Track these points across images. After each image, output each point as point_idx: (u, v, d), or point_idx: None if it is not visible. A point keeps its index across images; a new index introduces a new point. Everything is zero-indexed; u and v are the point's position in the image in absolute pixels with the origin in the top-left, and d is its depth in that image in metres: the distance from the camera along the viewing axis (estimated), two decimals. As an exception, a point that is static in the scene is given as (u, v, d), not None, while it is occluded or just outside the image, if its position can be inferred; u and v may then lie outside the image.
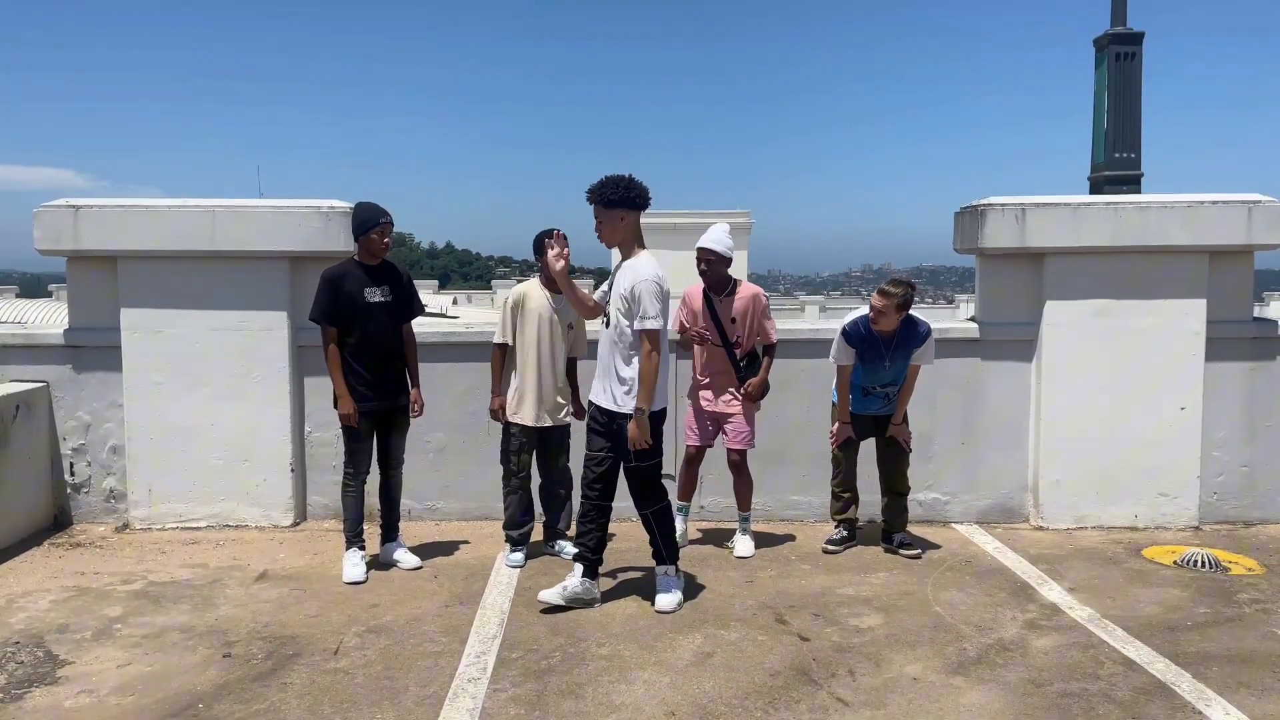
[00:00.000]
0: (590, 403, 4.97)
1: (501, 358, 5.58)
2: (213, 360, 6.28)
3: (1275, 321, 6.57)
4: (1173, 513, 6.36)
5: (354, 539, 5.43)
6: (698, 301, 5.70)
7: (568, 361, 5.62)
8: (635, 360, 4.69)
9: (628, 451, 4.75)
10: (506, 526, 5.62)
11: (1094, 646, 4.44)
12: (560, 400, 5.57)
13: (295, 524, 6.39)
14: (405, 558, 5.54)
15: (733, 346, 5.64)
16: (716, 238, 5.60)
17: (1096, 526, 6.35)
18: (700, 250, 5.62)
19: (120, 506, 6.44)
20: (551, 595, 4.85)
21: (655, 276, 4.67)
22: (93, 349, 6.37)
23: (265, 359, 6.30)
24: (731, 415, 5.68)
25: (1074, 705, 3.84)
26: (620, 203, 4.71)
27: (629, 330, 4.70)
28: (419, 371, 5.61)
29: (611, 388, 4.78)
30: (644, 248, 4.85)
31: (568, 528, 5.79)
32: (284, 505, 6.37)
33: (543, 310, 5.49)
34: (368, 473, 5.48)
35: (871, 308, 5.57)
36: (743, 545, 5.78)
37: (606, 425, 4.84)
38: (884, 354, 5.61)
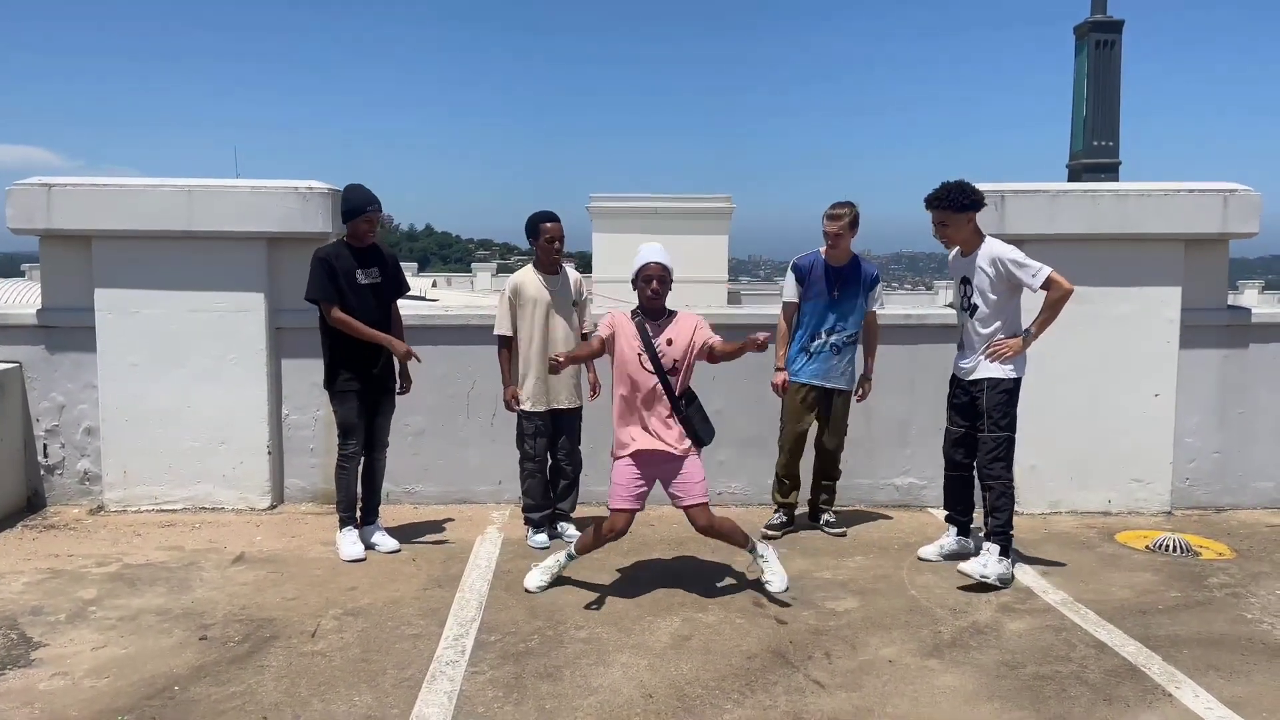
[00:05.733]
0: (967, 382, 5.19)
1: (508, 349, 5.52)
2: (189, 342, 6.23)
3: (1248, 310, 6.65)
4: (1146, 498, 6.44)
5: (347, 518, 5.42)
6: (629, 330, 4.66)
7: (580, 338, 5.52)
8: (999, 325, 5.09)
9: (989, 417, 5.07)
10: (528, 510, 5.63)
11: (1066, 630, 4.49)
12: (573, 382, 5.54)
13: (272, 507, 6.36)
14: (384, 540, 5.53)
15: (668, 374, 4.62)
16: (663, 252, 4.72)
17: (1071, 511, 6.42)
18: (653, 266, 4.65)
19: (95, 489, 6.38)
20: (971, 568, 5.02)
21: (1010, 246, 5.06)
22: (66, 329, 6.30)
23: (242, 341, 6.26)
24: (679, 469, 4.68)
25: (1046, 687, 3.89)
26: (972, 206, 5.02)
27: (995, 303, 5.05)
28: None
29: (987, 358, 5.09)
30: (984, 238, 5.12)
31: (572, 509, 5.78)
32: (261, 488, 6.34)
33: (540, 295, 5.43)
34: (364, 447, 5.44)
35: (826, 235, 5.64)
36: (775, 578, 4.83)
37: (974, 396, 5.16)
38: (831, 288, 5.64)
